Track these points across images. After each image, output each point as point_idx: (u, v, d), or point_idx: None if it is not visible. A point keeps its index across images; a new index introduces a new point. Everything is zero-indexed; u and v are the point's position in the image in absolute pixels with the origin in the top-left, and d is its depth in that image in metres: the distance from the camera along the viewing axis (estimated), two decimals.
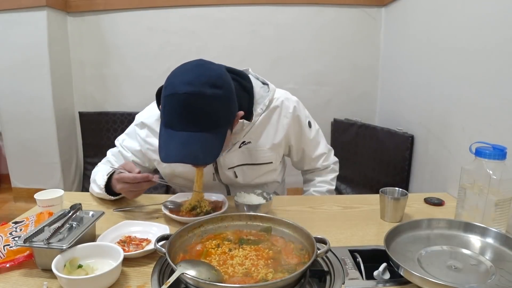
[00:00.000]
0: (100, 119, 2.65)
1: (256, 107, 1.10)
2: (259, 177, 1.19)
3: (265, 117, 1.12)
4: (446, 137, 1.51)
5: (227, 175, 1.16)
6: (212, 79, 0.89)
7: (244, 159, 1.14)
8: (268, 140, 1.13)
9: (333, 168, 1.33)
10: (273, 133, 1.14)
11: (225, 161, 1.13)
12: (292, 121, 1.15)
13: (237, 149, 1.12)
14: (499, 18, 1.16)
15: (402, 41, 2.13)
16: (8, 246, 0.78)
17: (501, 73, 1.15)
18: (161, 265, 0.77)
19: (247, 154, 1.13)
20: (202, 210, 1.01)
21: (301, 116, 1.18)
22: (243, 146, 1.12)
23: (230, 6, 2.49)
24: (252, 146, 1.13)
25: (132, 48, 2.63)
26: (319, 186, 1.29)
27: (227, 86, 0.92)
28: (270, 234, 0.83)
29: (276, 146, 1.15)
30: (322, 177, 1.31)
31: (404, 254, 0.78)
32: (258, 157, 1.14)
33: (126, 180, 0.98)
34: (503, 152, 0.89)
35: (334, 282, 0.72)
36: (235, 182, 1.19)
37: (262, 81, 1.16)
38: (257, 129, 1.12)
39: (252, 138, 1.12)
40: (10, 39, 2.47)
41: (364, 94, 2.59)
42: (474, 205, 0.93)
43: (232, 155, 1.13)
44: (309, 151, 1.25)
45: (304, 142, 1.22)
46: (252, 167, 1.15)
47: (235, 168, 1.15)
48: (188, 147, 0.87)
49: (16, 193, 2.79)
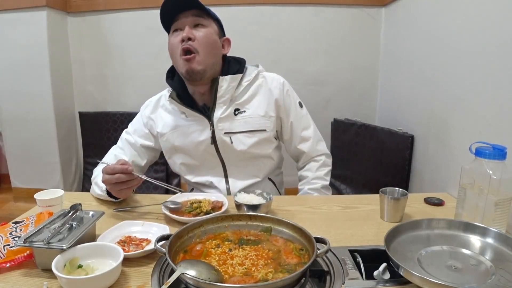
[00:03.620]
0: (100, 119, 2.65)
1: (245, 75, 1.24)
2: (253, 145, 1.22)
3: (257, 87, 1.24)
4: (446, 137, 1.51)
5: (223, 139, 1.21)
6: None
7: (240, 127, 1.21)
8: (261, 108, 1.23)
9: (325, 161, 1.33)
10: (265, 102, 1.23)
11: (223, 125, 1.20)
12: (281, 93, 1.25)
13: (232, 115, 1.20)
14: (499, 18, 1.16)
15: (402, 41, 2.13)
16: (8, 246, 0.78)
17: (501, 73, 1.15)
18: (161, 265, 0.77)
19: (243, 123, 1.21)
20: (202, 210, 1.02)
21: (290, 92, 1.28)
22: (239, 114, 1.21)
23: (230, 6, 2.50)
24: (247, 114, 1.22)
25: (132, 48, 2.63)
26: (313, 183, 1.30)
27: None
28: (270, 234, 0.83)
29: (269, 115, 1.23)
30: (315, 173, 1.31)
31: (404, 254, 0.78)
32: (252, 124, 1.22)
33: (108, 171, 0.99)
34: (503, 152, 0.89)
35: (334, 282, 0.72)
36: (230, 149, 1.22)
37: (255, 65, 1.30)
38: (251, 97, 1.23)
39: (247, 107, 1.22)
40: (10, 39, 2.47)
41: (364, 94, 2.59)
42: (474, 205, 0.93)
43: (229, 122, 1.20)
44: (298, 128, 1.29)
45: (293, 117, 1.28)
46: (247, 134, 1.22)
47: (231, 135, 1.21)
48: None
49: (16, 193, 2.79)
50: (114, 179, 0.98)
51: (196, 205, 1.04)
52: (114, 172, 0.98)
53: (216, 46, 1.17)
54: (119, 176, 0.98)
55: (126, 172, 0.98)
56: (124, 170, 0.98)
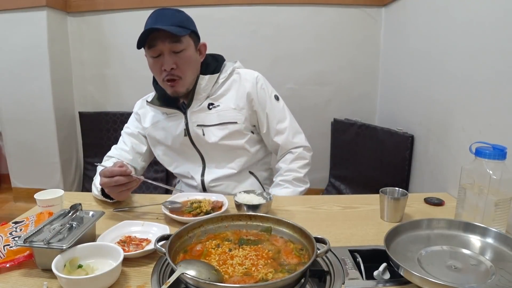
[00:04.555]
0: (100, 119, 2.65)
1: (222, 72, 1.27)
2: (225, 137, 1.25)
3: (231, 82, 1.28)
4: (446, 137, 1.51)
5: (196, 132, 1.25)
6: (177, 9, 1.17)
7: (212, 121, 1.25)
8: (233, 101, 1.26)
9: (301, 154, 1.32)
10: (237, 94, 1.27)
11: (195, 118, 1.25)
12: (254, 86, 1.27)
13: (206, 109, 1.25)
14: (499, 18, 1.16)
15: (402, 41, 2.13)
16: (8, 246, 0.78)
17: (501, 73, 1.15)
18: (161, 265, 0.77)
19: (215, 116, 1.25)
20: (202, 210, 1.02)
21: (265, 86, 1.30)
22: (213, 108, 1.25)
23: (230, 6, 2.49)
24: (220, 108, 1.25)
25: (132, 48, 2.57)
26: (285, 175, 1.29)
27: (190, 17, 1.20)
28: (270, 234, 0.83)
29: (240, 107, 1.26)
30: (289, 165, 1.30)
31: (404, 254, 0.78)
32: (224, 116, 1.25)
33: (106, 174, 0.98)
34: (503, 152, 0.89)
35: (334, 282, 0.72)
36: (203, 141, 1.26)
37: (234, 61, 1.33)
38: (224, 92, 1.27)
39: (221, 101, 1.26)
40: (10, 39, 2.47)
41: (364, 94, 2.59)
42: (474, 205, 0.93)
43: (202, 115, 1.25)
44: (273, 121, 1.30)
45: (269, 109, 1.29)
46: (218, 127, 1.25)
47: (203, 127, 1.25)
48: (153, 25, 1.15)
49: (16, 193, 2.79)
50: (113, 182, 0.98)
51: (196, 205, 1.04)
52: (112, 175, 0.98)
53: (196, 62, 1.22)
54: (118, 179, 0.98)
55: (125, 174, 0.98)
56: (123, 172, 0.98)
